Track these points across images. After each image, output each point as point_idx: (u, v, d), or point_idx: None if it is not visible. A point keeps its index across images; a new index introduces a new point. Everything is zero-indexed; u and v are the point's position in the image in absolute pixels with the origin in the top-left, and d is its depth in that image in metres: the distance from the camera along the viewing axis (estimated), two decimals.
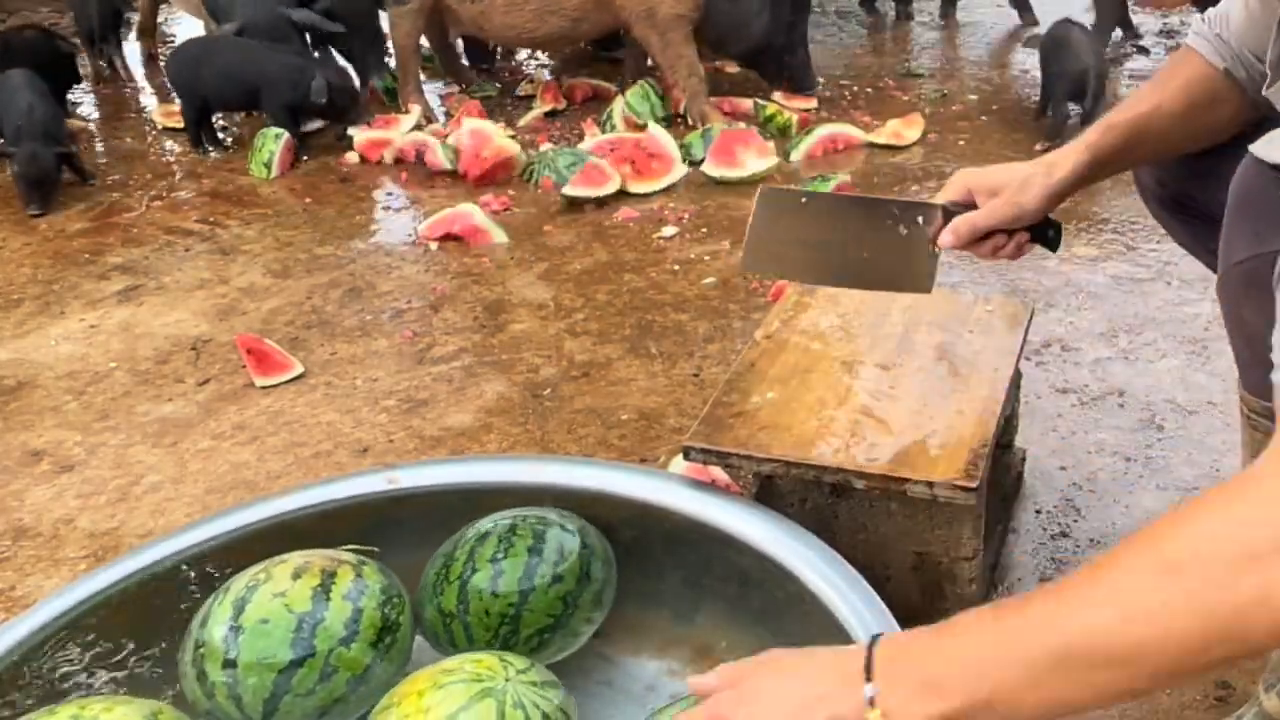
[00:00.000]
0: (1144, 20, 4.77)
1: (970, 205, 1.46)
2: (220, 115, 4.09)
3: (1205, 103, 1.41)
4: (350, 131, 3.80)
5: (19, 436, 2.29)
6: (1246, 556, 0.77)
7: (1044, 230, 1.49)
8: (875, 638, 0.90)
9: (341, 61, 4.18)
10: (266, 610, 1.29)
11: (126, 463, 2.18)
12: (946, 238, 1.44)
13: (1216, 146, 1.40)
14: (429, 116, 4.02)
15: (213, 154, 3.87)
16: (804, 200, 1.54)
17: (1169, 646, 0.79)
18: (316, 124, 3.93)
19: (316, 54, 4.11)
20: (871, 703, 0.86)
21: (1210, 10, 1.43)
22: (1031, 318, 1.80)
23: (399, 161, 3.67)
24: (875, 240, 1.49)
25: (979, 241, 1.45)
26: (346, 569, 1.36)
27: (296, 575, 1.33)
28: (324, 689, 1.28)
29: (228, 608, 1.30)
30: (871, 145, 3.66)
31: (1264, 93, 1.29)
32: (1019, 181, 1.43)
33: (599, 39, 4.54)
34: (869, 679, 0.86)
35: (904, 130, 3.68)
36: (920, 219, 1.47)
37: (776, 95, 3.97)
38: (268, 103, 3.75)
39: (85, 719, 1.17)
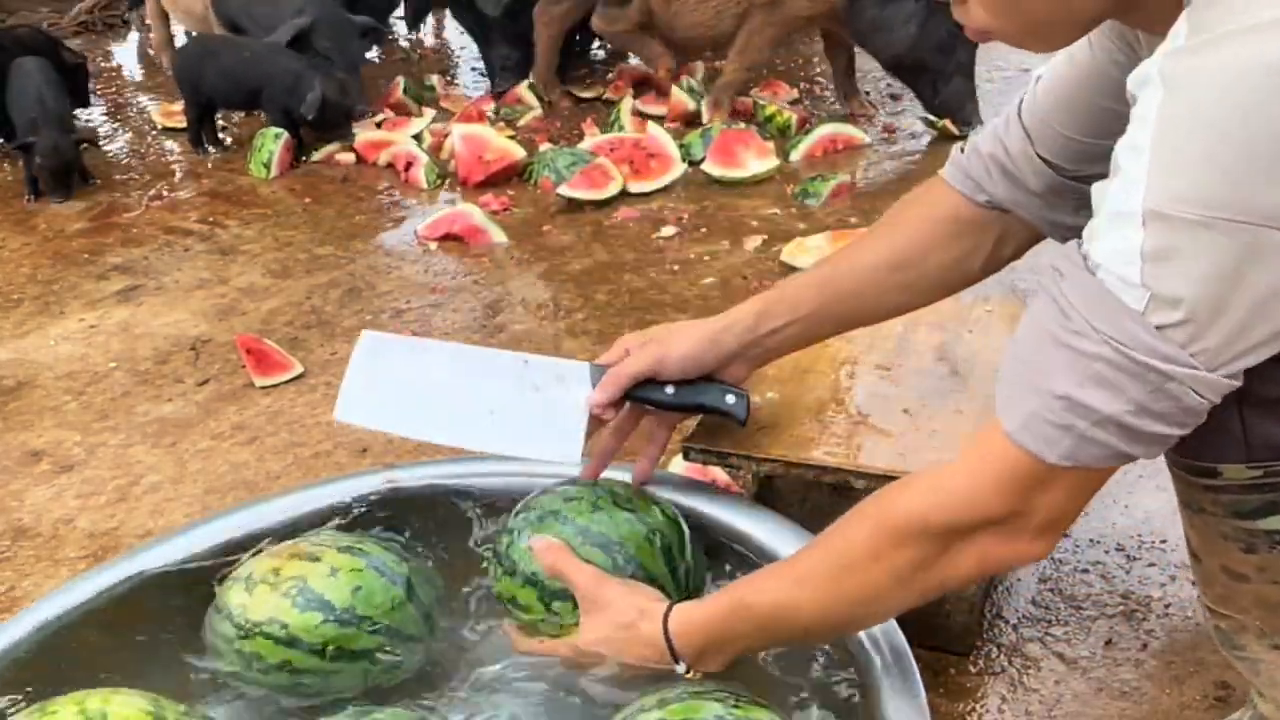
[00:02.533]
0: None
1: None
2: (219, 115, 4.09)
3: (945, 238, 1.34)
4: (354, 131, 3.79)
5: (19, 436, 2.29)
6: (899, 552, 1.06)
7: (719, 398, 1.37)
8: (665, 620, 1.20)
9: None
10: (345, 582, 1.31)
11: (126, 463, 2.18)
12: (597, 395, 1.35)
13: None
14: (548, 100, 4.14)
15: (213, 153, 3.87)
16: (416, 347, 1.43)
17: (855, 616, 1.14)
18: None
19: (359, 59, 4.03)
20: (687, 669, 1.21)
21: (987, 128, 1.33)
22: None
23: (390, 166, 3.65)
24: (508, 399, 1.37)
25: (634, 409, 1.39)
26: (344, 537, 1.41)
27: (315, 558, 1.34)
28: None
29: (306, 610, 1.29)
30: (871, 145, 3.66)
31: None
32: (668, 331, 1.38)
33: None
34: (676, 659, 1.21)
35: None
36: (563, 376, 1.37)
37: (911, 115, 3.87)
38: (267, 105, 3.74)
39: (90, 711, 1.15)
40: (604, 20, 4.13)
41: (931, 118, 3.76)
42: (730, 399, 1.38)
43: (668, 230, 3.08)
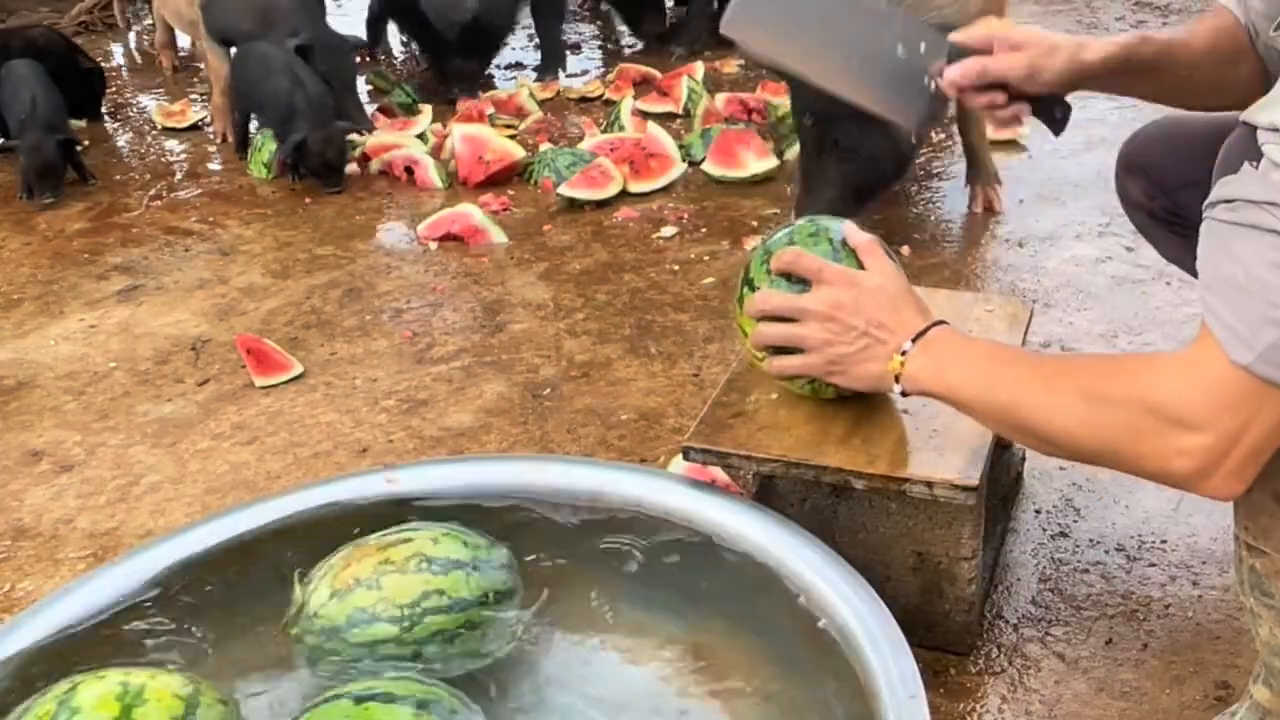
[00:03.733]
0: (1144, 19, 4.78)
1: (983, 53, 1.41)
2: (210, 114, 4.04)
3: (1230, 54, 1.40)
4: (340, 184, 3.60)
5: (19, 436, 2.29)
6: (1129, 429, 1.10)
7: (1051, 106, 1.43)
8: (936, 324, 1.32)
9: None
10: (451, 542, 1.41)
11: (126, 463, 2.18)
12: (953, 72, 1.39)
13: (1209, 155, 1.40)
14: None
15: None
16: None
17: (1061, 446, 1.18)
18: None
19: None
20: (903, 353, 1.31)
21: None
22: (1031, 318, 1.80)
23: (384, 174, 3.61)
24: (870, 52, 1.44)
25: (979, 90, 1.41)
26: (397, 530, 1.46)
27: (405, 540, 1.40)
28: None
29: (448, 573, 1.37)
30: None
31: (1268, 37, 1.32)
32: (1046, 45, 1.40)
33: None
34: (914, 341, 1.31)
35: None
36: (923, 46, 1.42)
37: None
38: (267, 124, 3.66)
39: (132, 686, 1.21)
40: None
41: (776, 103, 3.70)
42: (1059, 112, 1.45)
43: (668, 230, 3.08)
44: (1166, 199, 1.51)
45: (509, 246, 3.05)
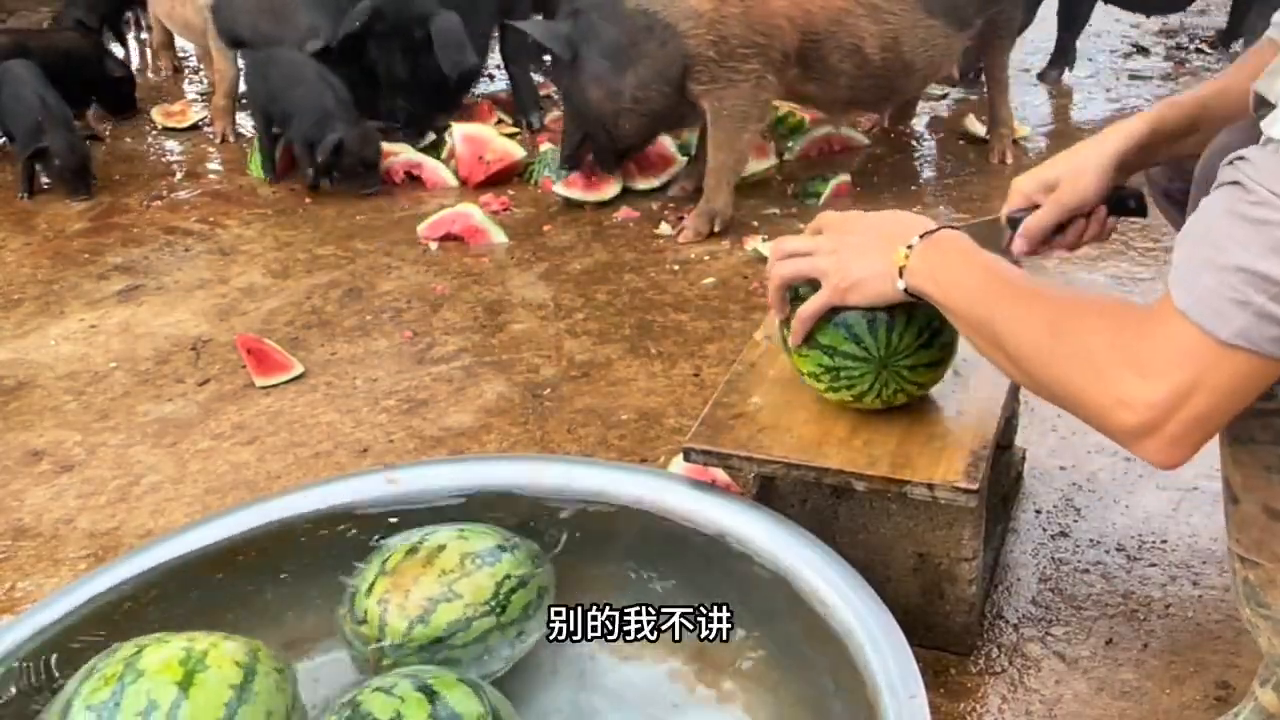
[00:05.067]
0: (1142, 20, 4.78)
1: (1034, 209, 1.47)
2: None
3: None
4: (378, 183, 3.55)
5: (19, 436, 2.29)
6: (1092, 368, 1.07)
7: (1124, 201, 1.48)
8: (941, 229, 1.33)
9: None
10: (477, 534, 1.47)
11: (126, 463, 2.18)
12: (1019, 244, 1.44)
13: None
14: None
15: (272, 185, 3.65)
16: None
17: (1022, 369, 1.16)
18: None
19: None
20: (909, 247, 1.32)
21: None
22: None
23: (383, 181, 3.59)
24: None
25: (1057, 235, 1.46)
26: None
27: (439, 549, 1.44)
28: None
29: (497, 561, 1.43)
30: (868, 147, 3.66)
31: None
32: (1072, 170, 1.44)
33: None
34: (921, 238, 1.32)
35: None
36: (983, 238, 1.44)
37: None
38: (294, 134, 3.53)
39: (195, 651, 1.25)
40: None
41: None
42: (1131, 202, 1.49)
43: (668, 230, 3.08)
44: (1182, 182, 1.52)
45: (509, 246, 3.05)
